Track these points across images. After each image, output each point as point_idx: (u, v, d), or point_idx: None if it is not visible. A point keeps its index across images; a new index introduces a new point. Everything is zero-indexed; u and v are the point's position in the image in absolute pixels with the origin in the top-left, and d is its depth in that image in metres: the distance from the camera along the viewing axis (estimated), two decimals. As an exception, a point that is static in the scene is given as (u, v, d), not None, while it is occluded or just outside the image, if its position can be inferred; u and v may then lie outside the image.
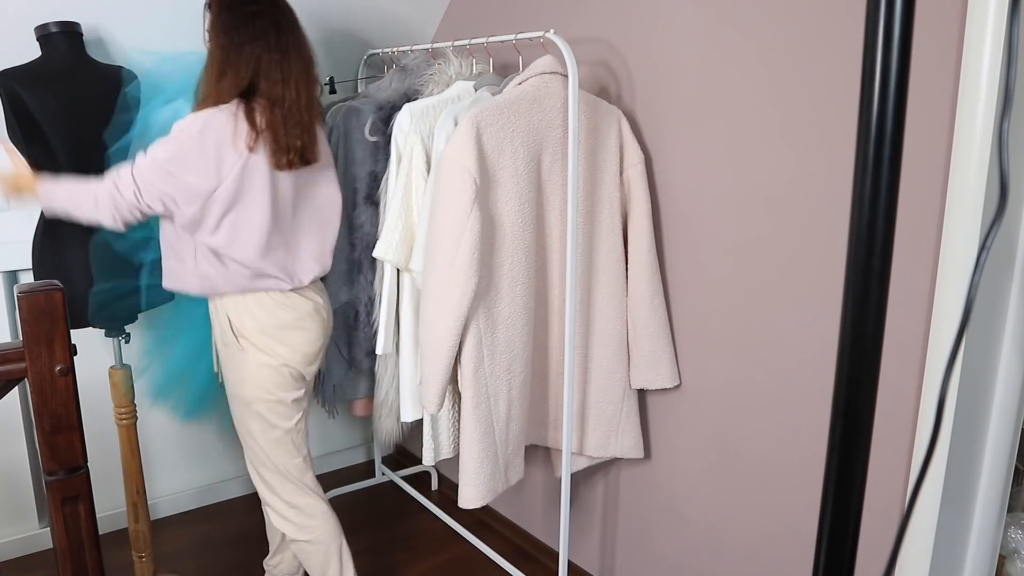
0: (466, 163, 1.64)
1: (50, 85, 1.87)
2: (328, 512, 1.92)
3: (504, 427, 1.83)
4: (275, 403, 1.82)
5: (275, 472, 1.87)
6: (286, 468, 1.87)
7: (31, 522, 2.48)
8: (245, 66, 1.68)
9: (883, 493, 1.51)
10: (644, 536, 2.10)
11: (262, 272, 1.76)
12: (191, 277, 1.78)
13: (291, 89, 1.71)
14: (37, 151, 1.85)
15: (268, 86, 1.69)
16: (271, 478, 1.88)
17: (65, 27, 1.94)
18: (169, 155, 1.66)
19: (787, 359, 1.66)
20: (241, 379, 1.81)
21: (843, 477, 0.62)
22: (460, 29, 2.50)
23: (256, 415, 1.82)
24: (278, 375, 1.81)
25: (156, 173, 1.66)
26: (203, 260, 1.75)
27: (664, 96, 1.85)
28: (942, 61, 1.33)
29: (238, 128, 1.66)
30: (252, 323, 1.78)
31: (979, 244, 0.97)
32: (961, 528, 1.53)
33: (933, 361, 1.39)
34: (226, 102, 1.67)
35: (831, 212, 1.54)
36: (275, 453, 1.85)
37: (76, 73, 1.95)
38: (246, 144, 1.66)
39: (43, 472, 1.26)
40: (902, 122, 0.56)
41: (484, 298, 1.75)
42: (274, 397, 1.82)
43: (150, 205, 1.68)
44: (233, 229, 1.72)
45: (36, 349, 1.19)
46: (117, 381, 2.07)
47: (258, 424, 1.83)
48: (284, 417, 1.84)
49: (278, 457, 1.86)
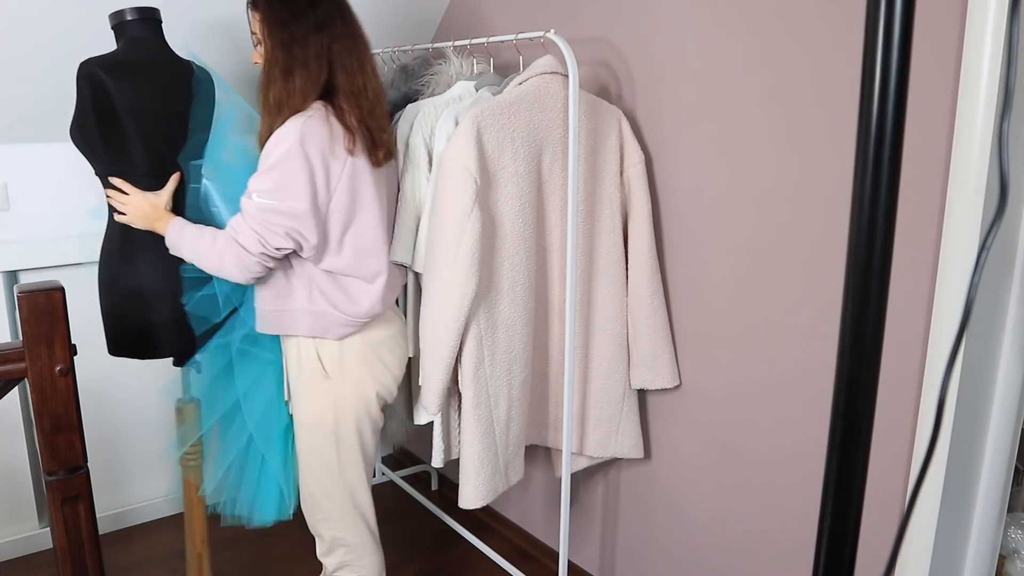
0: (467, 163, 1.64)
1: (135, 76, 1.69)
2: (377, 551, 1.83)
3: (504, 427, 1.83)
4: (361, 432, 1.72)
5: (340, 506, 1.75)
6: (356, 501, 1.76)
7: (31, 522, 2.48)
8: (316, 59, 1.54)
9: (883, 493, 1.51)
10: (644, 536, 2.10)
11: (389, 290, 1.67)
12: (303, 317, 1.63)
13: (370, 78, 1.60)
14: (114, 150, 1.71)
15: (347, 78, 1.56)
16: (334, 512, 1.76)
17: (143, 14, 1.75)
18: (273, 184, 1.51)
19: (787, 359, 1.66)
20: (324, 408, 1.68)
21: (843, 477, 0.62)
22: (460, 29, 2.50)
23: (339, 445, 1.70)
24: (373, 401, 1.71)
25: (269, 210, 1.51)
26: (319, 296, 1.62)
27: (664, 96, 1.85)
28: (942, 61, 1.33)
29: (333, 132, 1.54)
30: (346, 348, 1.66)
31: (979, 244, 0.97)
32: (961, 528, 1.53)
33: (933, 361, 1.39)
34: (306, 105, 1.54)
35: (831, 212, 1.54)
36: (350, 485, 1.74)
37: (160, 64, 1.77)
38: (345, 148, 1.56)
39: (43, 472, 1.26)
40: (902, 122, 0.56)
41: (484, 298, 1.75)
42: (362, 426, 1.71)
43: (279, 248, 1.54)
44: (356, 244, 1.61)
45: (36, 349, 1.20)
46: (187, 417, 1.92)
47: (338, 455, 1.71)
48: (368, 446, 1.74)
49: (352, 489, 1.74)
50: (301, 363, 1.69)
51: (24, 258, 2.34)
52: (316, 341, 1.67)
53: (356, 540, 1.79)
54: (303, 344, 1.68)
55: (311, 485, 1.76)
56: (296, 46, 1.53)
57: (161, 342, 1.80)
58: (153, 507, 2.69)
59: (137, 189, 1.70)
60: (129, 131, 1.68)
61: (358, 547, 1.79)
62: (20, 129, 2.21)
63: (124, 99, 1.66)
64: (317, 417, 1.69)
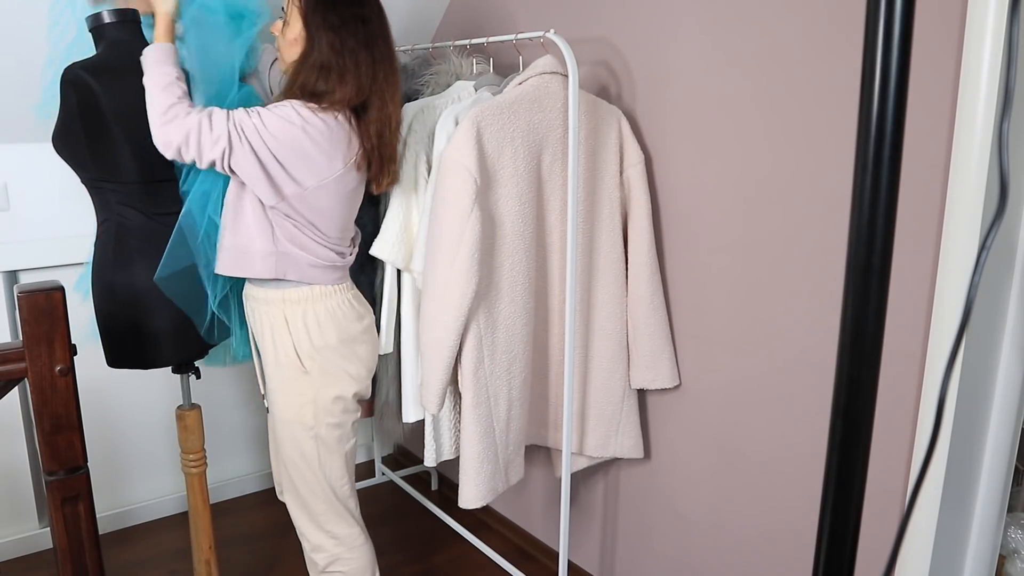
0: (466, 163, 1.64)
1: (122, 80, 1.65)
2: (367, 543, 1.84)
3: (504, 427, 1.83)
4: (339, 426, 1.72)
5: (324, 500, 1.76)
6: (338, 494, 1.76)
7: (31, 522, 2.48)
8: (366, 76, 1.58)
9: (883, 493, 1.51)
10: (644, 536, 2.10)
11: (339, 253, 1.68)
12: (263, 258, 1.64)
13: (396, 109, 1.64)
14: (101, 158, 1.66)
15: (380, 104, 1.61)
16: (318, 506, 1.76)
17: (122, 16, 1.71)
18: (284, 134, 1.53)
19: (787, 358, 1.66)
20: (303, 404, 1.69)
21: (843, 477, 0.62)
22: (460, 29, 2.50)
23: (317, 440, 1.71)
24: (350, 395, 1.72)
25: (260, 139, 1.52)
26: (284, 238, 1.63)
27: (664, 96, 1.85)
28: (942, 61, 1.33)
29: (352, 142, 1.60)
30: (320, 339, 1.67)
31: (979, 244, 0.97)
32: (961, 528, 1.53)
33: (933, 361, 1.39)
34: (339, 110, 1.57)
35: (831, 211, 1.54)
36: (330, 478, 1.75)
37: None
38: (355, 161, 1.61)
39: (43, 472, 1.26)
40: (902, 122, 0.56)
41: (484, 298, 1.75)
42: (339, 420, 1.72)
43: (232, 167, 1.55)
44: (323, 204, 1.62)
45: (36, 349, 1.20)
46: (189, 423, 1.91)
47: (317, 449, 1.71)
48: (346, 439, 1.75)
49: (333, 482, 1.75)
50: (279, 359, 1.69)
51: (24, 258, 2.34)
52: (293, 334, 1.66)
53: (344, 532, 1.79)
54: (279, 338, 1.67)
55: (294, 480, 1.77)
56: (348, 56, 1.57)
57: (163, 351, 1.78)
58: (153, 507, 2.69)
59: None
60: (117, 137, 1.64)
61: (347, 539, 1.79)
62: (20, 129, 2.21)
63: (112, 103, 1.63)
64: (295, 413, 1.70)
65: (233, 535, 2.59)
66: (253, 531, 2.62)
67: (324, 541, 1.78)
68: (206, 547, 1.97)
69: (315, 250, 1.65)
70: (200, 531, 1.95)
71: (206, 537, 1.96)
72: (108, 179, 1.68)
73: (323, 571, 1.81)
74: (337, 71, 1.57)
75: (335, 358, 1.69)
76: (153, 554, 2.49)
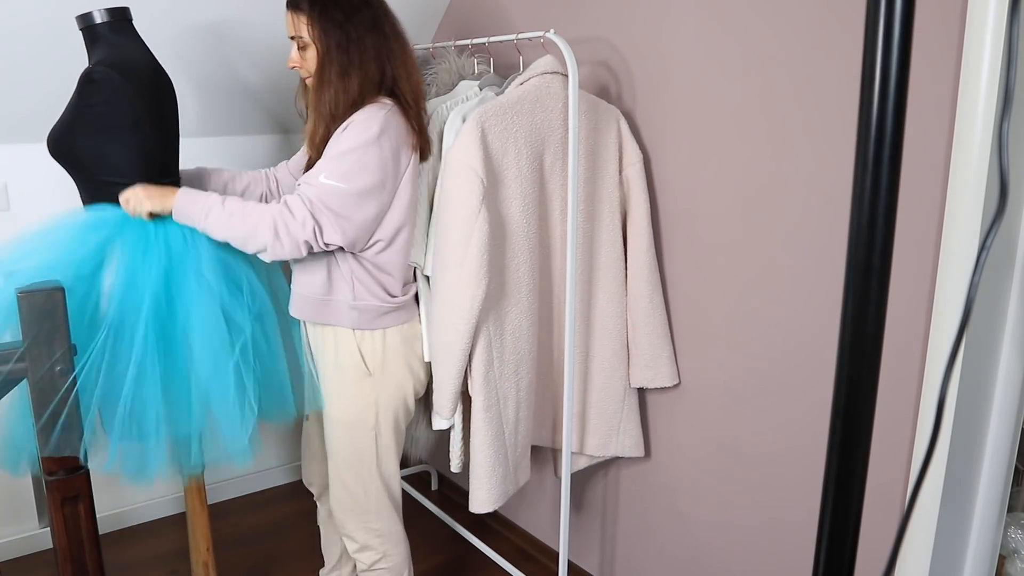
0: (472, 163, 1.63)
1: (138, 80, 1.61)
2: (406, 539, 1.86)
3: (513, 429, 1.83)
4: (399, 424, 1.74)
5: (376, 497, 1.77)
6: (391, 492, 1.79)
7: (31, 522, 2.48)
8: (374, 60, 1.55)
9: (883, 493, 1.51)
10: (644, 535, 2.10)
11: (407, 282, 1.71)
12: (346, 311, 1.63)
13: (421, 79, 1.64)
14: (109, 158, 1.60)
15: (407, 78, 1.59)
16: (370, 504, 1.76)
17: (115, 15, 1.64)
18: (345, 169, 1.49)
19: (786, 357, 1.66)
20: (365, 405, 1.69)
21: (843, 477, 0.62)
22: (460, 29, 2.49)
23: (377, 439, 1.72)
24: (411, 395, 1.73)
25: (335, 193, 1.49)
26: (362, 288, 1.63)
27: (664, 96, 1.85)
28: (942, 61, 1.33)
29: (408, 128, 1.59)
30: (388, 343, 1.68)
31: (979, 244, 0.97)
32: (961, 528, 1.53)
33: (933, 361, 1.39)
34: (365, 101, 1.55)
35: (831, 211, 1.54)
36: (385, 476, 1.76)
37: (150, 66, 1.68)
38: (412, 146, 1.60)
39: (43, 472, 1.26)
40: (902, 122, 0.56)
41: (492, 300, 1.74)
42: (401, 418, 1.74)
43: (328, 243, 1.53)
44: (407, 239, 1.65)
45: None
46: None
47: (376, 449, 1.73)
48: (402, 437, 1.78)
49: (388, 480, 1.76)
50: (340, 362, 1.68)
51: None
52: (357, 336, 1.67)
53: (389, 528, 1.81)
54: (342, 341, 1.67)
55: (348, 481, 1.76)
56: (353, 48, 1.54)
57: None
58: (153, 507, 2.69)
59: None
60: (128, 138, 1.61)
61: (392, 535, 1.82)
62: (20, 129, 2.21)
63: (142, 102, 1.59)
64: (358, 414, 1.70)
65: (232, 535, 2.59)
66: (252, 531, 2.62)
67: (371, 540, 1.80)
68: (204, 548, 1.96)
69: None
70: (198, 533, 1.95)
71: (204, 539, 1.96)
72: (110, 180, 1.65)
73: (369, 568, 1.83)
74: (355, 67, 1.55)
75: (398, 358, 1.70)
76: (153, 554, 2.49)
